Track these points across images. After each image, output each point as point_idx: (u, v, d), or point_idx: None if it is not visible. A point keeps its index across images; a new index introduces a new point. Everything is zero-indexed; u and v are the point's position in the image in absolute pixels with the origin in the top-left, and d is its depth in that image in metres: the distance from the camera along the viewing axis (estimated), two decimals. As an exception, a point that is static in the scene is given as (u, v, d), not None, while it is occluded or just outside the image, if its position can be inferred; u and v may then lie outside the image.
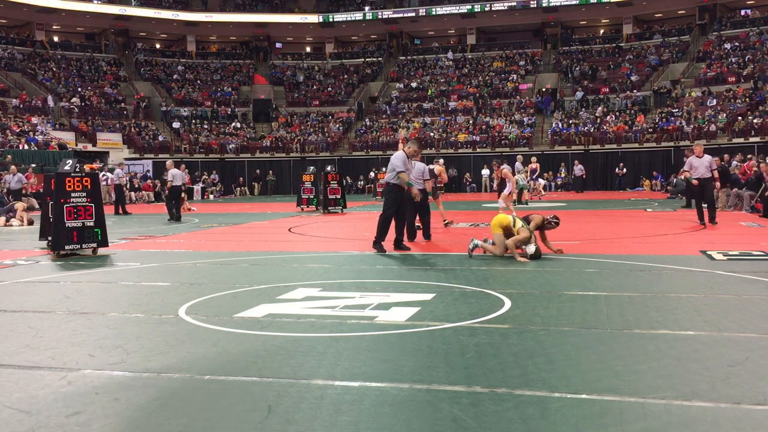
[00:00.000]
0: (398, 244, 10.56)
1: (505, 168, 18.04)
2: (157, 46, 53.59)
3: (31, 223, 17.61)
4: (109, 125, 41.46)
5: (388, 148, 41.58)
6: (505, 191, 18.33)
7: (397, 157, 10.39)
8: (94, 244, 10.60)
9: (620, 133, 38.38)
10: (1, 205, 20.00)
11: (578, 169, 34.82)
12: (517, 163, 24.33)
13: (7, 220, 17.96)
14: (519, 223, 9.27)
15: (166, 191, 18.92)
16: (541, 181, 29.78)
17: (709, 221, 13.92)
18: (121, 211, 21.78)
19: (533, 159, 28.14)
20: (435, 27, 52.68)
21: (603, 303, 6.08)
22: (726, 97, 38.24)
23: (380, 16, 51.45)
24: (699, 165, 13.94)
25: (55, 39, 49.61)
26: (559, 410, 3.43)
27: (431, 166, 15.00)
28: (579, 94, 43.18)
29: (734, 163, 22.61)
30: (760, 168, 18.39)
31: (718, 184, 13.89)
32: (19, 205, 18.87)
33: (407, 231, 11.60)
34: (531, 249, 9.01)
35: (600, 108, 41.31)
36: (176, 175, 18.57)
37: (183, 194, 20.50)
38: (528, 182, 25.04)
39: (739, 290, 6.58)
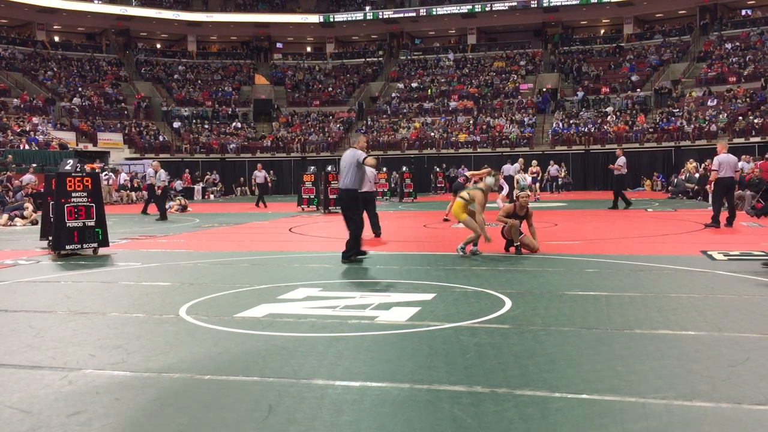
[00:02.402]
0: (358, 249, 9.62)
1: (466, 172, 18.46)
2: (158, 46, 53.61)
3: (35, 223, 17.62)
4: (110, 125, 41.48)
5: (389, 148, 41.60)
6: (503, 192, 18.64)
7: (351, 154, 9.60)
8: (95, 244, 10.60)
9: (621, 133, 38.37)
10: (2, 204, 20.01)
11: (554, 170, 34.68)
12: (515, 164, 24.51)
13: (11, 219, 17.93)
14: (465, 194, 9.60)
15: (158, 191, 19.32)
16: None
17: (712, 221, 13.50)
18: (148, 210, 21.25)
19: (534, 162, 28.62)
20: (435, 27, 52.68)
21: (603, 303, 6.08)
22: (727, 97, 38.24)
23: (381, 16, 51.46)
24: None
25: (56, 39, 49.63)
26: (559, 410, 3.43)
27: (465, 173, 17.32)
28: (579, 95, 43.17)
29: (742, 164, 22.37)
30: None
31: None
32: (29, 206, 18.95)
33: (371, 226, 12.92)
34: (489, 180, 9.50)
35: (602, 110, 41.31)
36: (162, 175, 19.36)
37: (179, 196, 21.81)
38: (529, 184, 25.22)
39: (740, 290, 6.58)
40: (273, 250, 11.13)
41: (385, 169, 33.42)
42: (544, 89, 45.18)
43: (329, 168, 22.19)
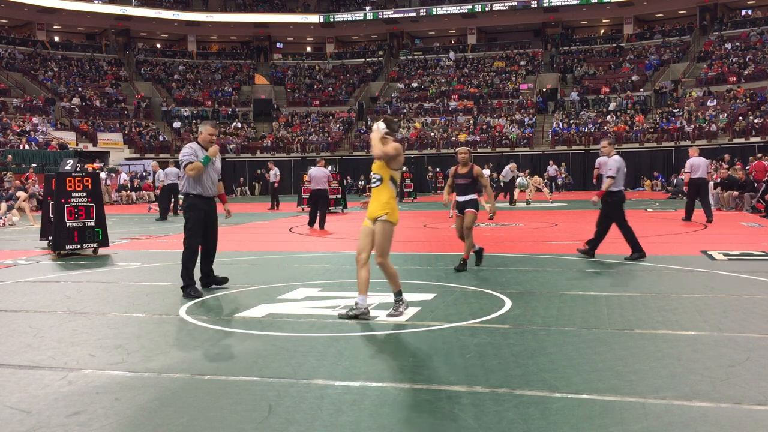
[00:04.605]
0: (208, 279, 7.23)
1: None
2: (158, 45, 53.61)
3: (35, 209, 17.28)
4: (110, 125, 41.48)
5: (389, 148, 41.57)
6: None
7: (182, 152, 7.03)
8: (95, 244, 10.60)
9: (621, 133, 38.37)
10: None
11: (552, 170, 34.05)
12: (506, 167, 24.84)
13: (9, 209, 17.80)
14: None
15: (158, 191, 19.25)
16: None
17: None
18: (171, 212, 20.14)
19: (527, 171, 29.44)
20: (436, 27, 52.69)
21: (603, 303, 6.08)
22: (727, 97, 38.24)
23: (381, 16, 51.48)
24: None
25: (56, 39, 49.64)
26: (559, 410, 3.43)
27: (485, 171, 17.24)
28: (573, 95, 43.16)
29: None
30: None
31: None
32: (21, 194, 18.77)
33: (319, 220, 14.77)
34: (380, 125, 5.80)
35: (602, 110, 41.33)
36: (169, 173, 19.13)
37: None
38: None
39: (740, 290, 6.57)
40: (273, 250, 11.13)
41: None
42: (544, 89, 45.18)
43: (329, 168, 22.17)
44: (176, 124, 44.14)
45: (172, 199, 19.63)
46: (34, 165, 28.44)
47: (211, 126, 7.12)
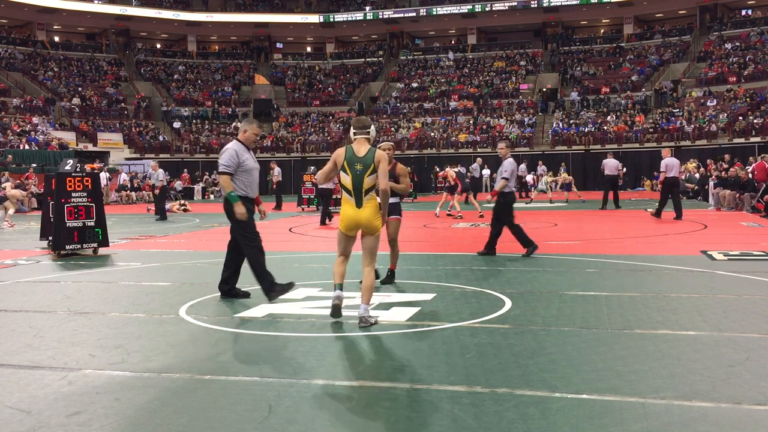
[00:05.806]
0: (229, 291, 6.73)
1: (450, 170, 18.58)
2: (158, 46, 53.62)
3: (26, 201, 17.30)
4: (110, 125, 41.48)
5: (389, 148, 41.62)
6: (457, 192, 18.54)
7: (222, 155, 6.49)
8: (95, 244, 10.60)
9: (621, 133, 38.36)
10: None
11: (541, 170, 31.39)
12: (474, 164, 25.10)
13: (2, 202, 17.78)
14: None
15: (157, 191, 19.22)
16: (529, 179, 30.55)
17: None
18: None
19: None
20: (436, 27, 52.70)
21: (603, 303, 6.08)
22: (727, 97, 38.24)
23: (381, 16, 51.49)
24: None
25: (56, 39, 49.64)
26: (559, 410, 3.43)
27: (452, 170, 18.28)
28: (574, 95, 43.15)
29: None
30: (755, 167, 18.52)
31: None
32: (8, 185, 18.72)
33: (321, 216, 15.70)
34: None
35: (602, 110, 41.34)
36: (161, 175, 19.17)
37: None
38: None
39: (740, 290, 6.57)
40: (272, 250, 11.11)
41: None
42: (544, 89, 45.17)
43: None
44: (176, 124, 44.15)
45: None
46: (34, 165, 28.42)
47: (257, 125, 6.62)
